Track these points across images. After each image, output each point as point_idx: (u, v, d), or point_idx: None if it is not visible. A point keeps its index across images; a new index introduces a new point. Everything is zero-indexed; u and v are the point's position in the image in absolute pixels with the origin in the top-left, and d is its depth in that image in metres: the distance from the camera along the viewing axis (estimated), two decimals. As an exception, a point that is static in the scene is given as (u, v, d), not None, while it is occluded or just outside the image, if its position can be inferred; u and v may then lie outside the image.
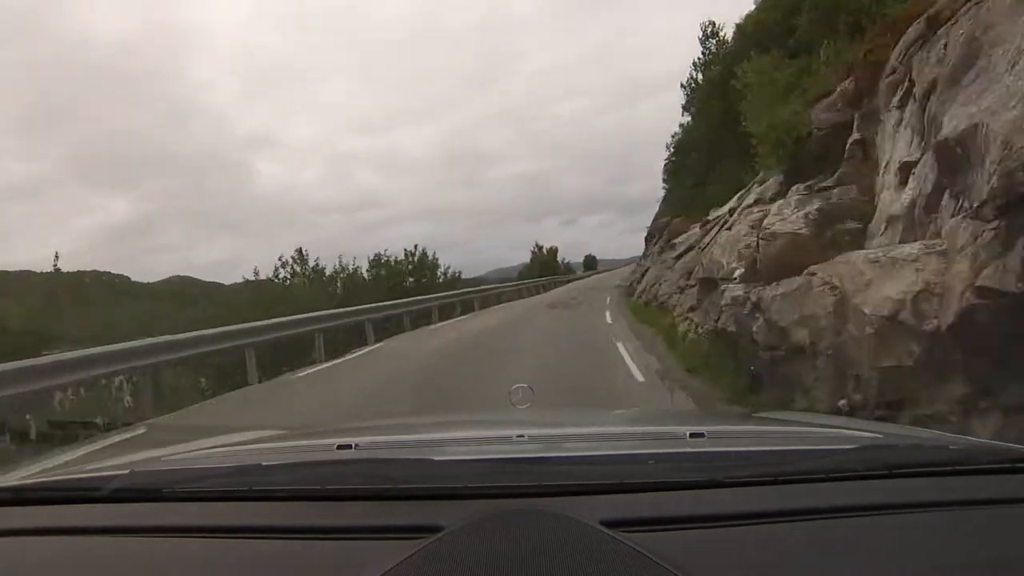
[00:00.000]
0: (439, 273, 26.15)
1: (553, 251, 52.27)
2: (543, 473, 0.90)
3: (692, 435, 1.11)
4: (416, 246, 26.09)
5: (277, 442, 1.47)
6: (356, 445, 1.13)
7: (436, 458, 0.98)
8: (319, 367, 9.47)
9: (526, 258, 52.91)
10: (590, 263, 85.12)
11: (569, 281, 43.80)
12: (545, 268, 47.55)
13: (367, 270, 24.04)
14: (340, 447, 1.12)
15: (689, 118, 35.46)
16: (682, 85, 34.80)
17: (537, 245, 51.58)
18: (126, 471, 0.99)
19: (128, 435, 5.06)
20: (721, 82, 27.80)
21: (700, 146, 30.51)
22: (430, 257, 26.24)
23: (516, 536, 0.65)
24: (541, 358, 8.22)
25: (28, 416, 5.59)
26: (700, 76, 32.74)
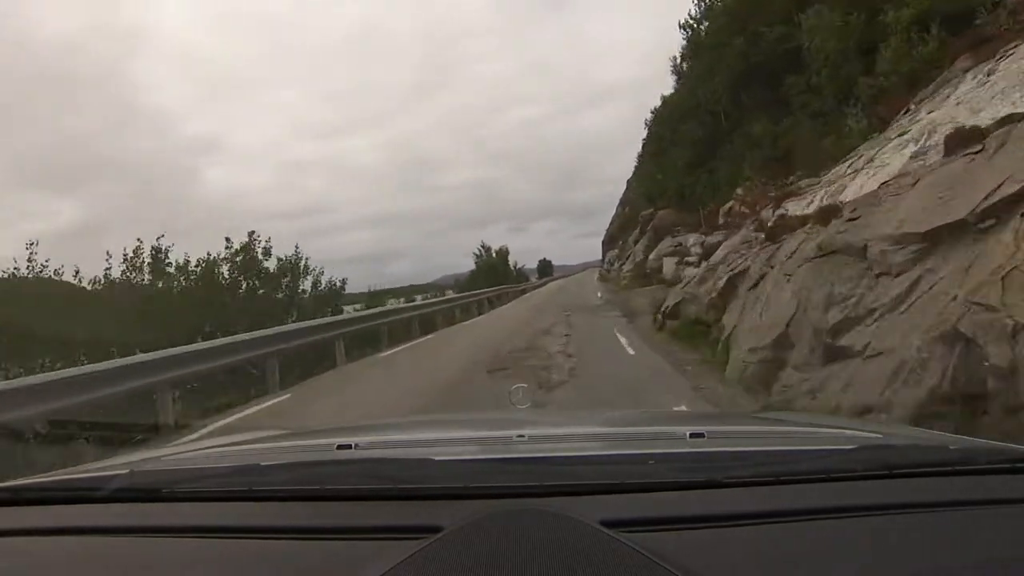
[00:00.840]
0: (303, 284, 14.74)
1: (503, 253, 41.08)
2: (543, 473, 0.90)
3: (692, 435, 1.11)
4: (252, 233, 14.08)
5: (277, 442, 1.47)
6: (356, 445, 1.13)
7: (436, 458, 0.98)
8: None
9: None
10: (545, 269, 77.31)
11: (523, 291, 34.60)
12: (494, 275, 36.67)
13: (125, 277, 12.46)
14: (340, 447, 1.12)
15: (677, 81, 28.59)
16: (680, 26, 26.53)
17: (483, 246, 40.64)
18: (126, 471, 0.99)
19: None
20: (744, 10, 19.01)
21: (702, 113, 22.85)
22: (290, 258, 14.45)
23: (516, 536, 0.65)
24: None
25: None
26: (702, 18, 24.42)
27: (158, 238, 13.06)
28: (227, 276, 13.69)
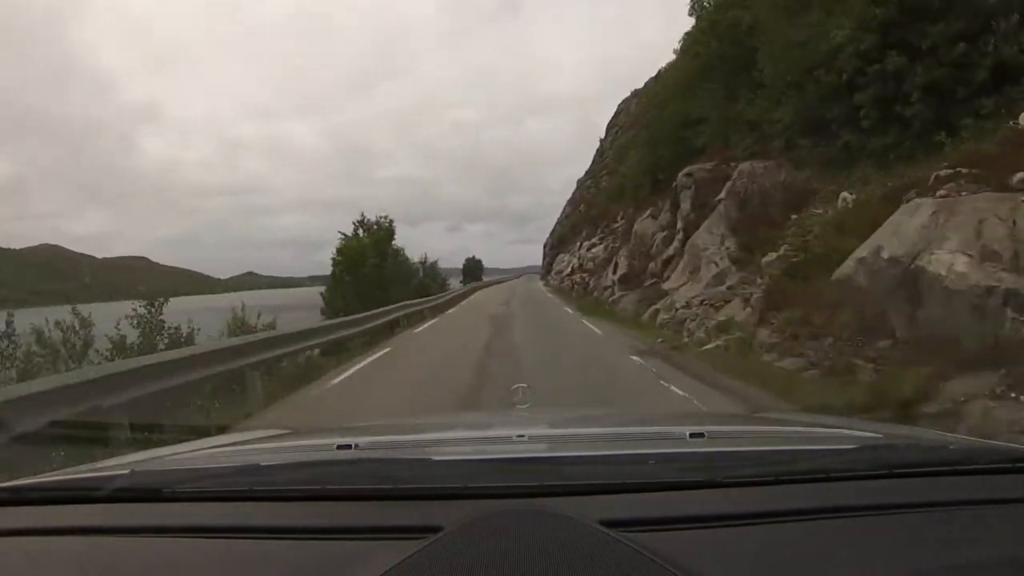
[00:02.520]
0: None
1: (383, 234, 21.66)
2: (543, 473, 0.90)
3: (692, 435, 1.11)
4: None
5: (277, 442, 1.48)
6: (356, 445, 1.13)
7: (436, 458, 0.98)
8: None
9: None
10: (472, 269, 61.77)
11: (412, 319, 15.99)
12: (358, 276, 18.80)
13: None
14: (340, 447, 1.12)
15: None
16: None
17: (360, 220, 21.81)
18: (126, 471, 0.99)
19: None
20: None
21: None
22: None
23: (516, 536, 0.65)
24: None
25: None
26: None
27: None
28: None
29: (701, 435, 1.12)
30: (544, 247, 63.27)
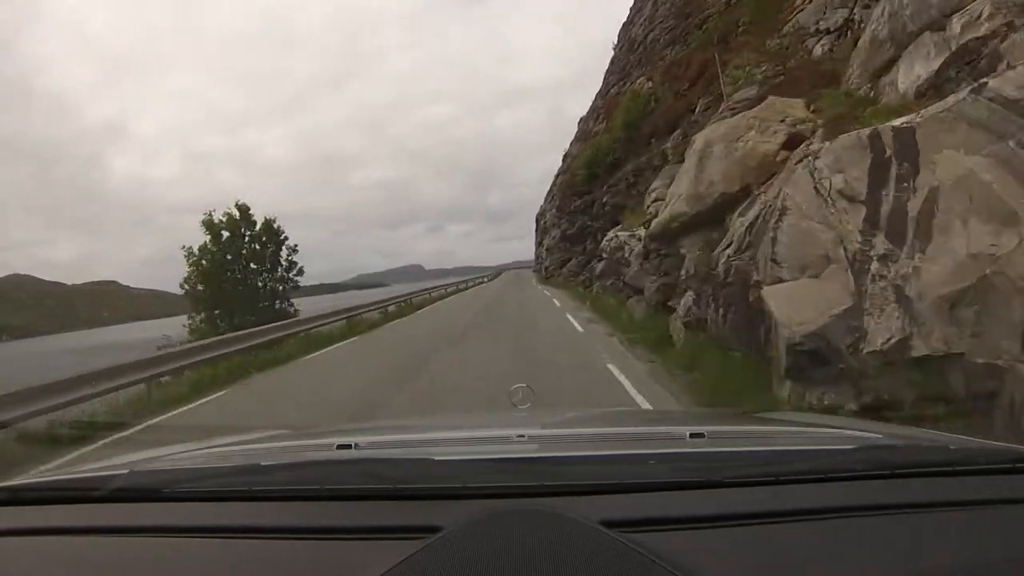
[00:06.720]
0: None
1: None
2: (543, 473, 0.90)
3: (692, 435, 1.11)
4: None
5: (277, 442, 1.48)
6: (356, 445, 1.13)
7: (436, 458, 0.98)
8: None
9: (393, 264, 13.77)
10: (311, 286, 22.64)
11: None
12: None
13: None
14: (340, 447, 1.12)
15: None
16: None
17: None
18: (126, 471, 0.99)
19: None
20: None
21: None
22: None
23: (516, 536, 0.65)
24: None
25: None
26: None
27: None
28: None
29: (701, 435, 1.12)
30: (538, 222, 49.98)
